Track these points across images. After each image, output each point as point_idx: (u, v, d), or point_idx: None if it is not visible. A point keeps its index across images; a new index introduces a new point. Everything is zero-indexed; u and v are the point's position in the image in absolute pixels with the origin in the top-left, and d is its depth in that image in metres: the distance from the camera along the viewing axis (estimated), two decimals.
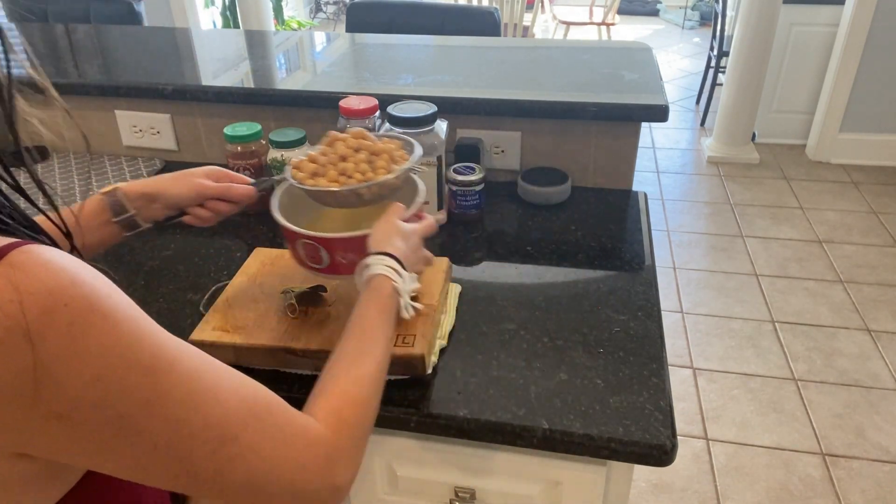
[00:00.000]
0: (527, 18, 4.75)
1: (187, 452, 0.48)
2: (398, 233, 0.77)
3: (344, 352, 0.64)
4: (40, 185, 0.52)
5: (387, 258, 0.72)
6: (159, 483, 0.49)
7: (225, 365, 0.52)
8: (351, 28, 2.06)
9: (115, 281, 0.49)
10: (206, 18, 4.71)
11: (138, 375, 0.45)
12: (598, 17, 4.88)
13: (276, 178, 0.87)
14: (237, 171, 1.21)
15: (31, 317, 0.41)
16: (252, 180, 0.88)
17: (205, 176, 0.84)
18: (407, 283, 0.73)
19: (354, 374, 0.62)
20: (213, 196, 0.83)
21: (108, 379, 0.44)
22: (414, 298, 0.79)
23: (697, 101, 4.56)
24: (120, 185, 0.80)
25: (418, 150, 0.84)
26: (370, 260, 0.72)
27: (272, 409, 0.53)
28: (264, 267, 0.99)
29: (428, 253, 0.83)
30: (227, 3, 4.61)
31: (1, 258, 0.42)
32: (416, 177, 0.87)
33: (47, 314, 0.42)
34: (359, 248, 0.77)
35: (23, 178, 0.52)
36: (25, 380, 0.42)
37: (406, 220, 0.80)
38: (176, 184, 0.81)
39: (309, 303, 0.91)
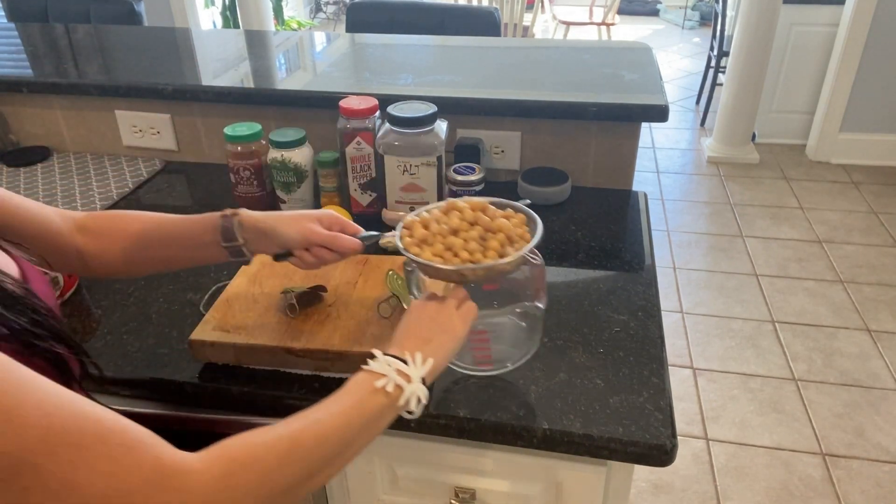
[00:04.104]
0: (527, 18, 4.75)
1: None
2: (431, 325, 0.70)
3: (290, 418, 0.57)
4: None
5: (390, 359, 0.64)
6: None
7: (49, 386, 0.46)
8: (351, 28, 2.06)
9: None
10: (206, 18, 4.71)
11: None
12: (598, 17, 4.88)
13: (385, 235, 0.81)
14: (237, 171, 1.21)
15: None
16: (363, 233, 0.82)
17: (317, 220, 0.80)
18: (405, 366, 0.64)
19: (273, 430, 0.54)
20: (319, 243, 0.79)
21: None
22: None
23: (697, 101, 4.56)
24: (239, 210, 0.78)
25: (538, 232, 0.74)
26: (375, 356, 0.65)
27: (104, 436, 0.45)
28: (264, 267, 0.99)
29: (464, 311, 0.73)
30: (227, 3, 4.60)
31: None
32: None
33: None
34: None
35: (22, 177, 0.51)
36: None
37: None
38: (288, 225, 0.78)
39: (309, 303, 0.91)
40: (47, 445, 0.43)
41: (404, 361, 0.64)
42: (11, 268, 0.60)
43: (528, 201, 0.80)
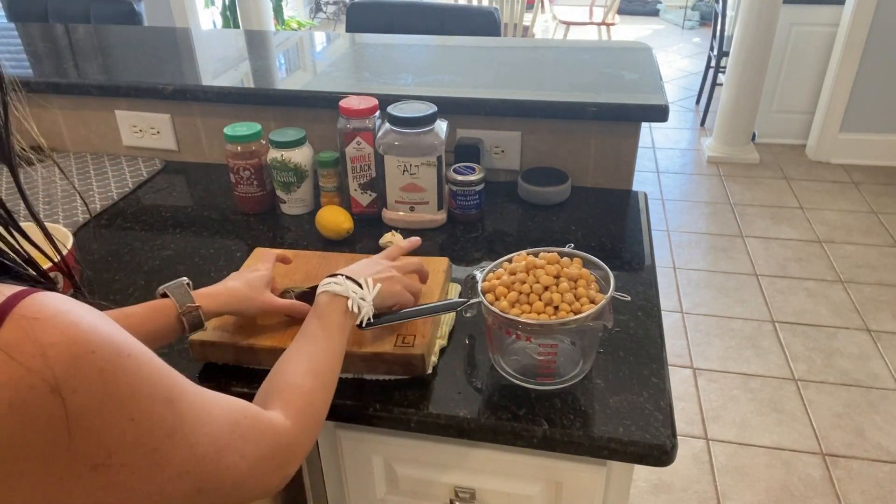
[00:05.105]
0: (527, 18, 4.75)
1: (200, 472, 0.49)
2: (358, 263, 0.84)
3: (287, 352, 0.70)
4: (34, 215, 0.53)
5: (330, 278, 0.77)
6: None
7: (195, 385, 0.53)
8: (351, 28, 2.06)
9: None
10: (206, 18, 4.71)
11: (163, 408, 0.46)
12: (598, 17, 4.88)
13: (470, 302, 0.83)
14: (237, 171, 1.21)
15: (58, 369, 0.39)
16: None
17: (268, 287, 0.86)
18: (360, 290, 0.77)
19: (299, 367, 0.68)
20: (277, 312, 0.87)
21: (140, 417, 0.44)
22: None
23: (697, 101, 4.56)
24: (199, 304, 0.79)
25: (611, 278, 0.81)
26: (337, 280, 0.77)
27: (246, 413, 0.56)
28: None
29: (401, 263, 0.86)
30: (227, 3, 4.60)
31: (11, 309, 0.40)
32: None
33: (75, 364, 0.40)
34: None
35: (22, 178, 0.51)
36: (58, 437, 0.40)
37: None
38: (247, 306, 0.83)
39: (310, 302, 0.90)
40: (228, 428, 0.52)
41: (359, 284, 0.77)
42: None
43: (572, 244, 0.88)
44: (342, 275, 0.77)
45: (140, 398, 0.44)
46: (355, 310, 0.75)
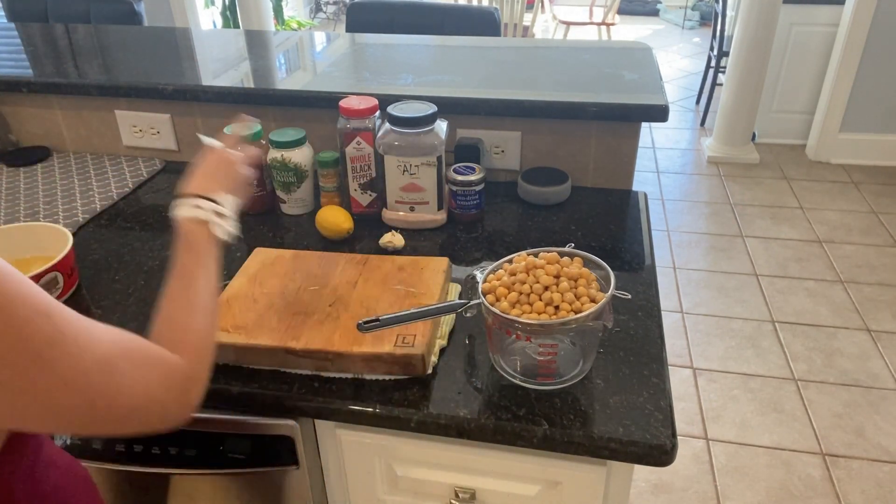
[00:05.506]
0: (527, 18, 4.75)
1: (88, 384, 0.53)
2: (198, 171, 0.84)
3: (169, 292, 0.72)
4: None
5: (185, 199, 0.78)
6: (65, 424, 0.54)
7: (84, 320, 0.57)
8: (351, 28, 2.06)
9: None
10: (206, 18, 4.71)
11: (41, 319, 0.50)
12: (598, 17, 4.88)
13: (471, 303, 0.83)
14: None
15: None
16: None
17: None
18: (219, 208, 0.79)
19: (184, 306, 0.70)
20: None
21: (18, 324, 0.49)
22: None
23: (697, 101, 4.56)
24: None
25: (612, 277, 0.81)
26: (173, 206, 0.79)
27: (136, 342, 0.59)
28: (264, 267, 0.99)
29: (238, 158, 0.88)
30: (227, 3, 4.60)
31: None
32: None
33: None
34: None
35: (22, 177, 0.52)
36: None
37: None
38: None
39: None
40: (116, 352, 0.56)
41: (215, 201, 0.79)
42: None
43: (573, 244, 0.88)
44: (197, 195, 0.78)
45: (17, 306, 0.49)
46: (218, 232, 0.77)
